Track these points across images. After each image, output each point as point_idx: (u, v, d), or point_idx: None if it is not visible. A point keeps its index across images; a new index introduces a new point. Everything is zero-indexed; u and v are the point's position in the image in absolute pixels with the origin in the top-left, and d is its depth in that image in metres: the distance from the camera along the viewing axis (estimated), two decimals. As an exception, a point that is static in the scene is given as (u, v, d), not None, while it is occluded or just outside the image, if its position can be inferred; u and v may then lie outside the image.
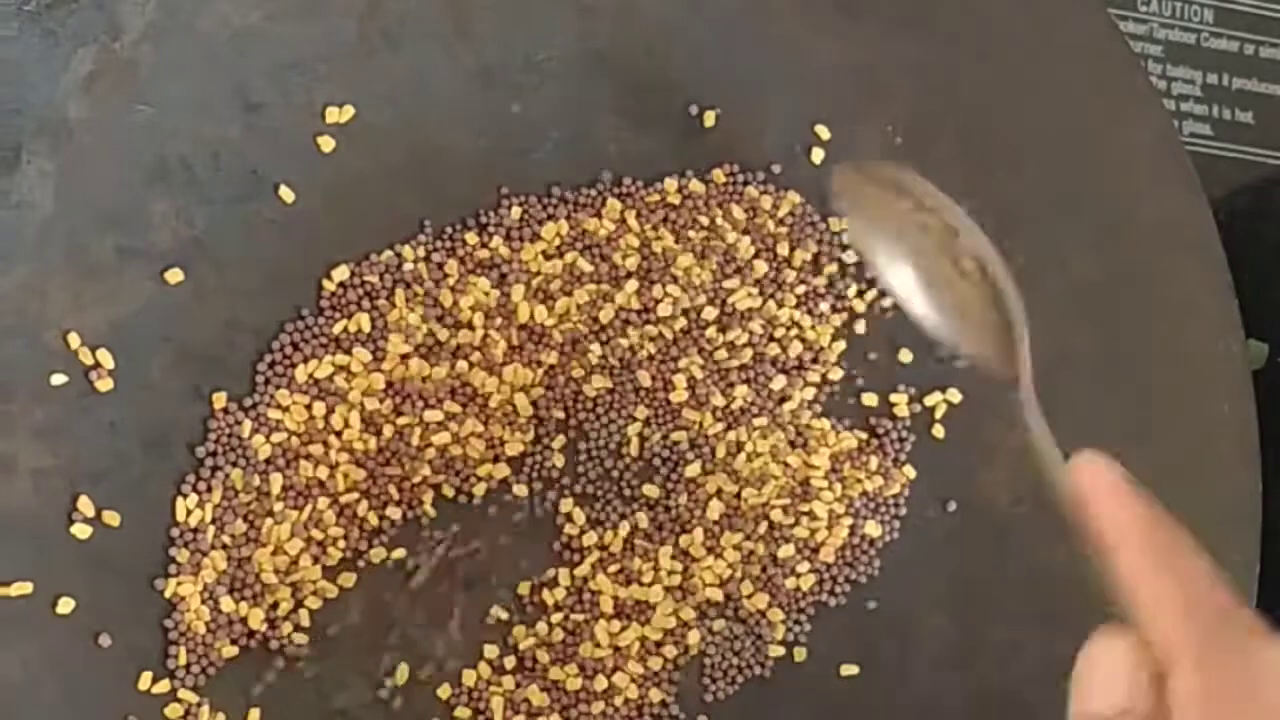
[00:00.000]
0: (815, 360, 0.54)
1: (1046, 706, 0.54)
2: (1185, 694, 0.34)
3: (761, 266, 0.54)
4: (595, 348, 0.52)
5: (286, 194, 0.50)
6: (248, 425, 0.49)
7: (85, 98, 0.49)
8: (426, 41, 0.52)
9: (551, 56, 0.53)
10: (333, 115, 0.51)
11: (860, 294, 0.55)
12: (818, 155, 0.55)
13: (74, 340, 0.48)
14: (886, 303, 0.55)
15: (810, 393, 0.54)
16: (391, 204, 0.52)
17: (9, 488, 0.47)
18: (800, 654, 0.53)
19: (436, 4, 0.52)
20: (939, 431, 0.55)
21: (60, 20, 0.48)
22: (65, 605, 0.47)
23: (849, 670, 0.54)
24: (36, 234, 0.48)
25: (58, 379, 0.48)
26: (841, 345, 0.55)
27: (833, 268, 0.55)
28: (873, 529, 0.54)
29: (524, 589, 0.51)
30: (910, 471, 0.54)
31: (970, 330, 0.46)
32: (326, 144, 0.51)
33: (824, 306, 0.54)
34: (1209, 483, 0.57)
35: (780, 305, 0.54)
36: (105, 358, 0.48)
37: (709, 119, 0.54)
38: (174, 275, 0.49)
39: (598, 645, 0.51)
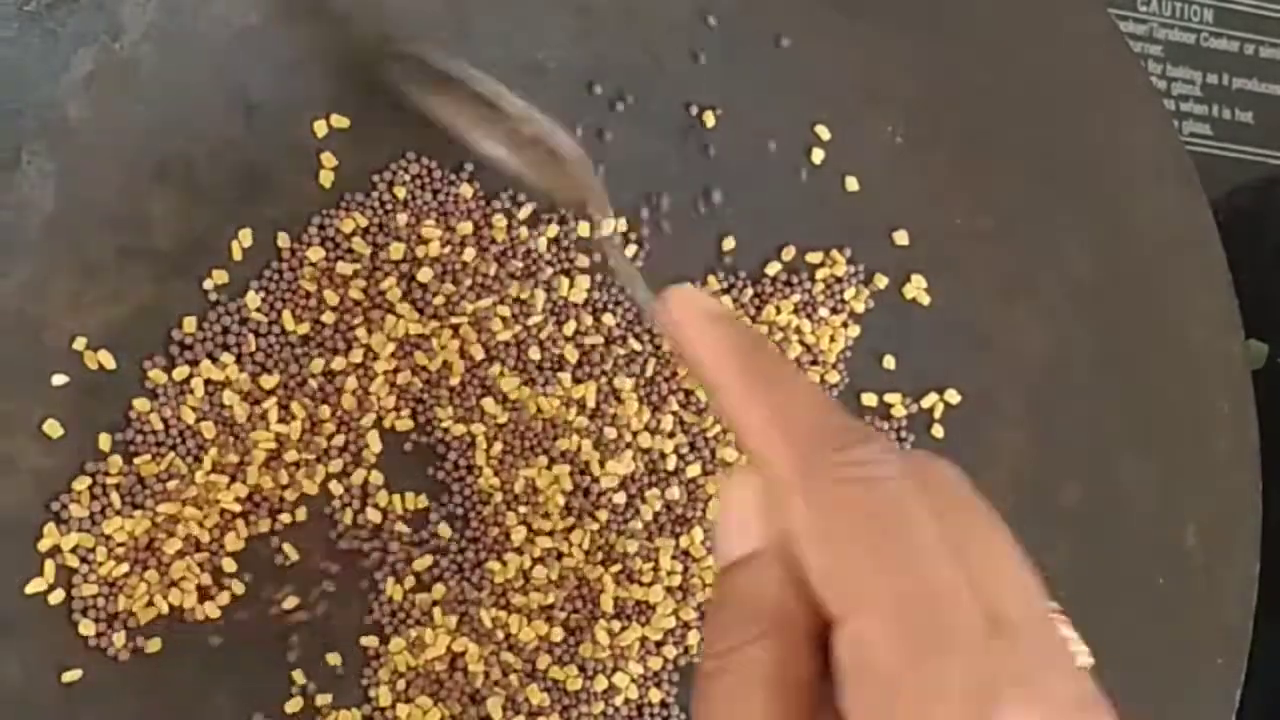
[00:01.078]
0: (814, 363, 0.54)
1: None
2: (799, 522, 0.33)
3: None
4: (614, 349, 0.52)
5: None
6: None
7: (85, 98, 0.49)
8: (426, 41, 0.52)
9: (551, 56, 0.53)
10: (332, 120, 0.51)
11: (858, 296, 0.55)
12: (818, 155, 0.55)
13: (76, 340, 0.48)
14: (883, 305, 0.55)
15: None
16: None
17: (9, 488, 0.47)
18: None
19: (436, 4, 0.52)
20: (938, 431, 0.55)
21: (60, 20, 0.48)
22: (65, 605, 0.47)
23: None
24: (36, 234, 0.48)
25: (58, 379, 0.48)
26: (840, 346, 0.55)
27: (827, 271, 0.55)
28: None
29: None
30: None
31: (556, 184, 0.50)
32: (326, 145, 0.51)
33: (823, 311, 0.54)
34: (1209, 483, 0.57)
35: (779, 311, 0.54)
36: (106, 358, 0.48)
37: (709, 119, 0.54)
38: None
39: (597, 645, 0.51)
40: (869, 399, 0.55)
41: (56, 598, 0.47)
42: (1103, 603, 0.55)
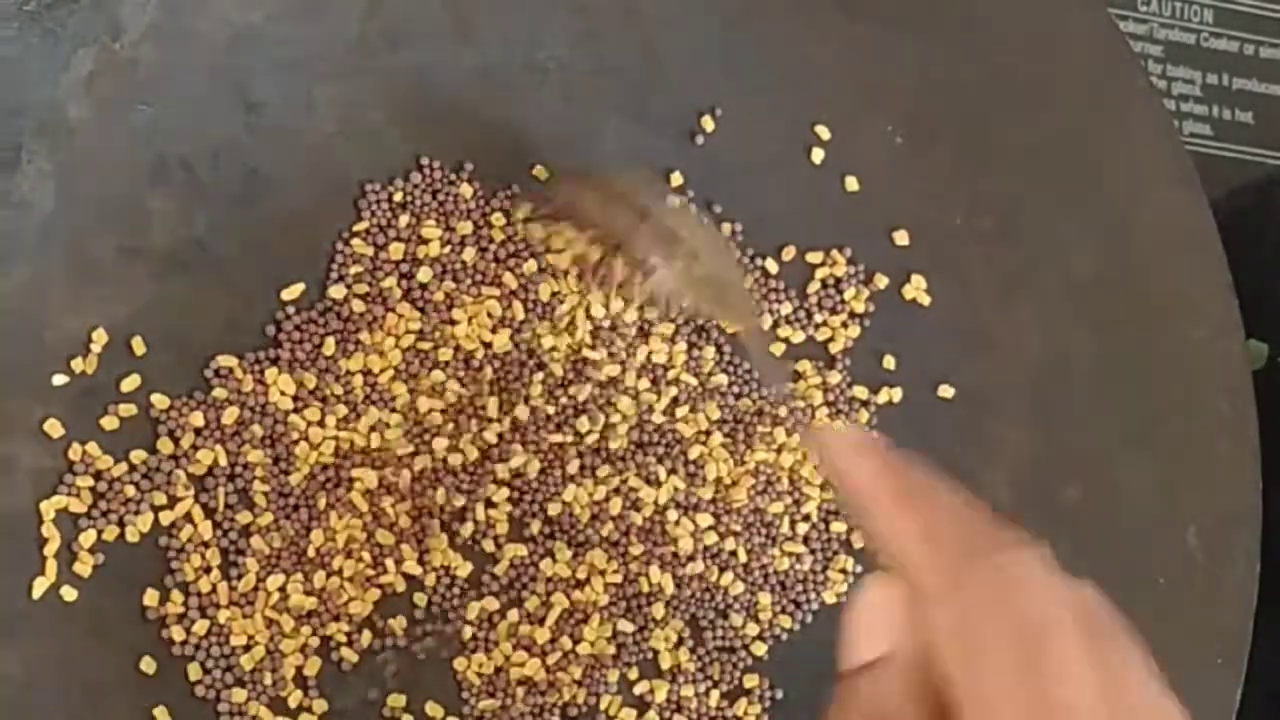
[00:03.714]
0: (825, 363, 0.54)
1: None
2: (942, 623, 0.34)
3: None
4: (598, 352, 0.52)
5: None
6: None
7: (85, 98, 0.49)
8: (426, 41, 0.52)
9: (551, 56, 0.53)
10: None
11: (858, 296, 0.55)
12: (818, 155, 0.55)
13: (76, 340, 0.48)
14: (879, 304, 0.55)
15: (816, 396, 0.54)
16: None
17: (9, 488, 0.47)
18: (800, 653, 0.53)
19: (436, 4, 0.52)
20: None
21: (60, 20, 0.48)
22: (65, 605, 0.47)
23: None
24: (36, 234, 0.48)
25: (58, 379, 0.48)
26: (839, 346, 0.55)
27: (827, 271, 0.55)
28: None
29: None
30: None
31: (714, 304, 0.50)
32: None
33: (819, 316, 0.54)
34: (1209, 483, 0.57)
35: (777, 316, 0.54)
36: (106, 358, 0.48)
37: (709, 119, 0.54)
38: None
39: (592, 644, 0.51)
40: (860, 391, 0.55)
41: (65, 596, 0.47)
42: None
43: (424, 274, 0.51)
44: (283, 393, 0.49)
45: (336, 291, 0.50)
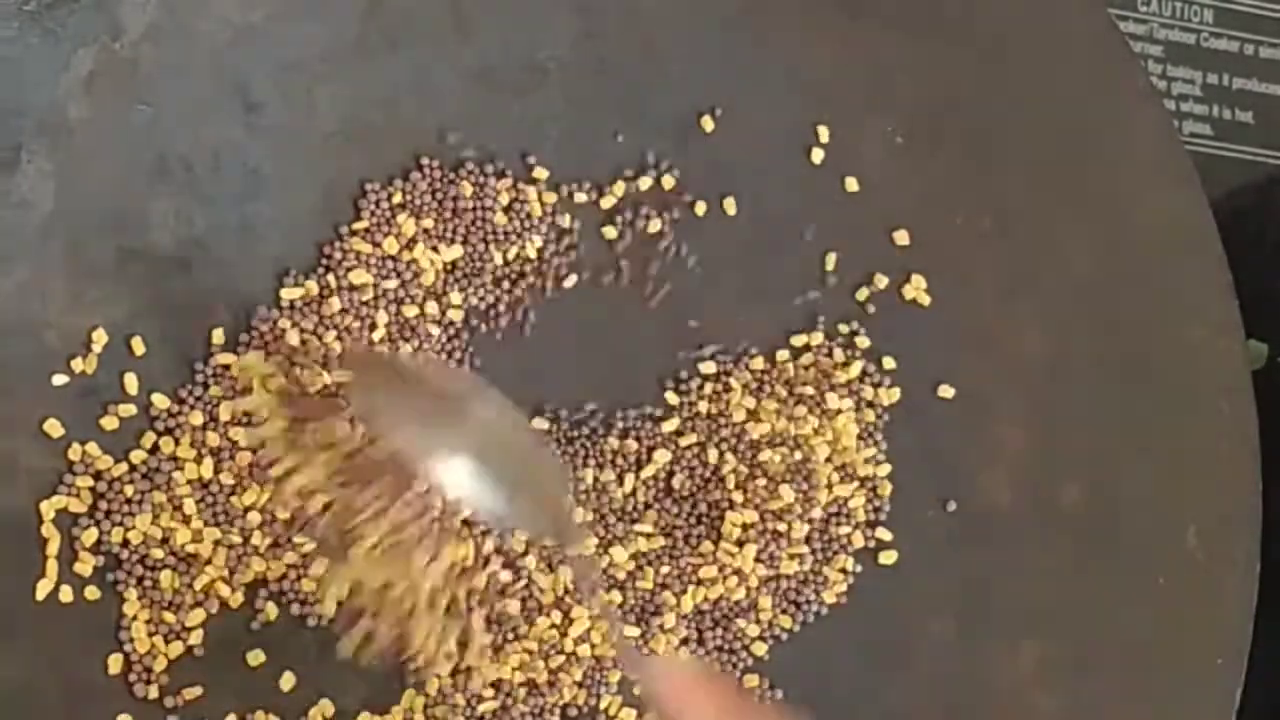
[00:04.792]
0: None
1: (1047, 707, 0.55)
2: None
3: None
4: None
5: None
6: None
7: (85, 98, 0.49)
8: (426, 41, 0.52)
9: (551, 56, 0.53)
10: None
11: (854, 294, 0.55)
12: (818, 155, 0.55)
13: (76, 340, 0.48)
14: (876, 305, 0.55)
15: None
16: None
17: (9, 488, 0.47)
18: (800, 653, 0.53)
19: (436, 4, 0.52)
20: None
21: (60, 20, 0.48)
22: (65, 605, 0.47)
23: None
24: (36, 234, 0.48)
25: (58, 379, 0.48)
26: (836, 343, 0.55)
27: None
28: (857, 500, 0.54)
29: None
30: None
31: (526, 509, 0.45)
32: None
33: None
34: (1209, 483, 0.57)
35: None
36: (106, 358, 0.48)
37: (709, 119, 0.54)
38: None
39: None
40: (869, 394, 0.55)
41: (65, 597, 0.47)
42: (1103, 603, 0.55)
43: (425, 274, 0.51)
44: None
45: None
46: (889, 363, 0.55)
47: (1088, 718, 0.54)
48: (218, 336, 0.49)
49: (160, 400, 0.49)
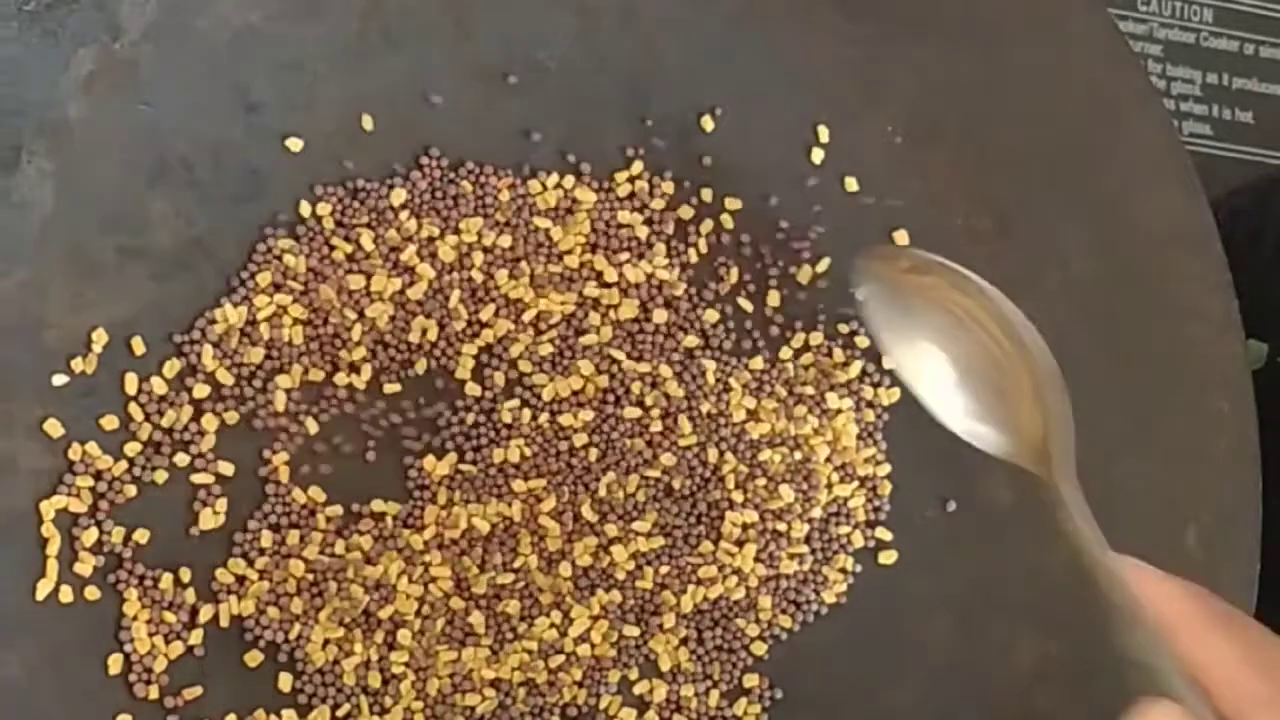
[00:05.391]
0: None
1: (1047, 706, 0.55)
2: None
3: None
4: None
5: (286, 193, 0.51)
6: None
7: (85, 98, 0.49)
8: (426, 41, 0.52)
9: (551, 56, 0.53)
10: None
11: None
12: (818, 155, 0.55)
13: (76, 340, 0.48)
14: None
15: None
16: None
17: (9, 488, 0.47)
18: (800, 653, 0.53)
19: (436, 4, 0.52)
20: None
21: (60, 20, 0.48)
22: (65, 605, 0.47)
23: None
24: (36, 234, 0.48)
25: (58, 379, 0.48)
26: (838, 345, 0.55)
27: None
28: (857, 500, 0.54)
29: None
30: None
31: (1008, 424, 0.44)
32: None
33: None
34: (1209, 483, 0.57)
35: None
36: (106, 358, 0.48)
37: (709, 119, 0.54)
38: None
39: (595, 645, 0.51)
40: (868, 393, 0.55)
41: (65, 597, 0.47)
42: (1103, 602, 0.55)
43: (425, 270, 0.51)
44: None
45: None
46: (889, 363, 0.55)
47: (1088, 718, 0.54)
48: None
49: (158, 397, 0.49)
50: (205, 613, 0.48)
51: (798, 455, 0.53)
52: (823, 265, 0.55)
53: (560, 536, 0.51)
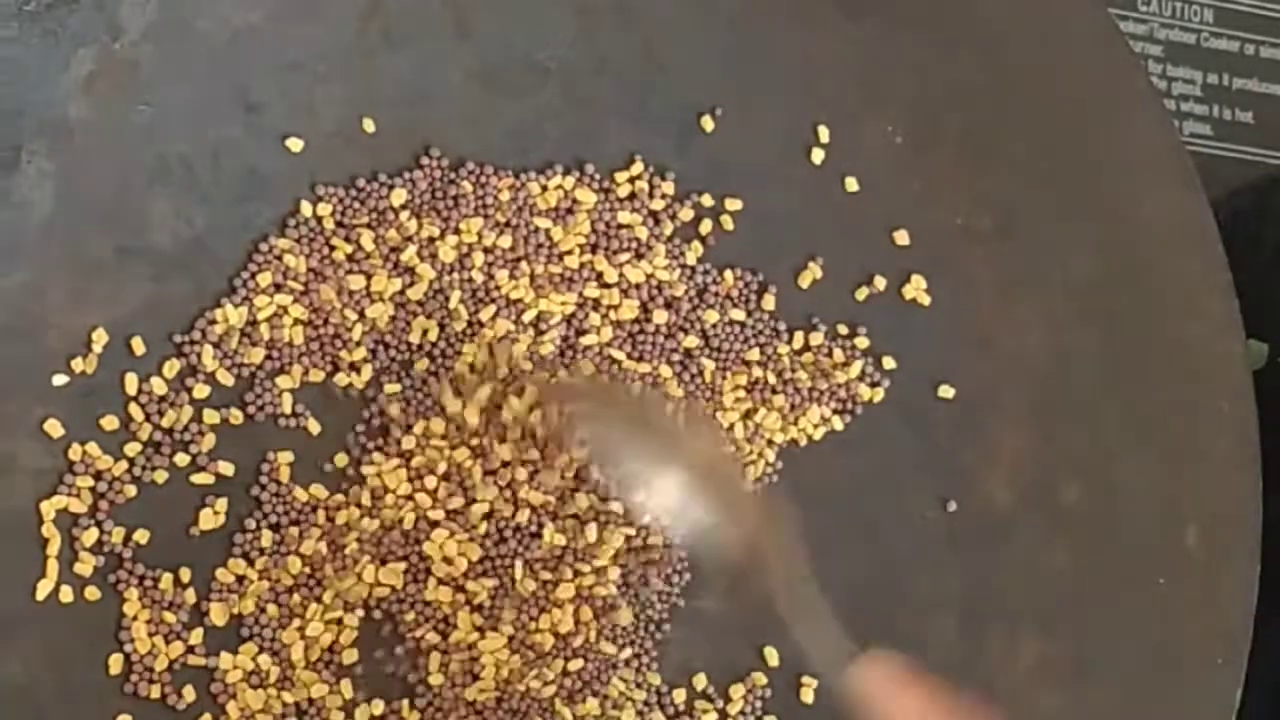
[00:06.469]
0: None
1: (1047, 706, 0.55)
2: None
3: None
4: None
5: (286, 193, 0.51)
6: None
7: (85, 98, 0.49)
8: (426, 41, 0.52)
9: (551, 56, 0.53)
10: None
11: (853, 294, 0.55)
12: (818, 155, 0.55)
13: (76, 340, 0.48)
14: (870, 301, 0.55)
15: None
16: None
17: (9, 488, 0.47)
18: (800, 653, 0.53)
19: (436, 4, 0.52)
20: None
21: (60, 20, 0.48)
22: (65, 605, 0.47)
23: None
24: (36, 234, 0.48)
25: (58, 379, 0.48)
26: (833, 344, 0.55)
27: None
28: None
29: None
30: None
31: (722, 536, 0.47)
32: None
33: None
34: (1209, 483, 0.57)
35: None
36: (106, 358, 0.48)
37: (709, 119, 0.54)
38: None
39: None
40: (867, 394, 0.55)
41: (65, 597, 0.47)
42: (1103, 603, 0.55)
43: (425, 270, 0.51)
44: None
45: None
46: (889, 362, 0.55)
47: (1088, 718, 0.54)
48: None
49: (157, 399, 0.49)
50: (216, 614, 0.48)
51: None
52: (822, 266, 0.55)
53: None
